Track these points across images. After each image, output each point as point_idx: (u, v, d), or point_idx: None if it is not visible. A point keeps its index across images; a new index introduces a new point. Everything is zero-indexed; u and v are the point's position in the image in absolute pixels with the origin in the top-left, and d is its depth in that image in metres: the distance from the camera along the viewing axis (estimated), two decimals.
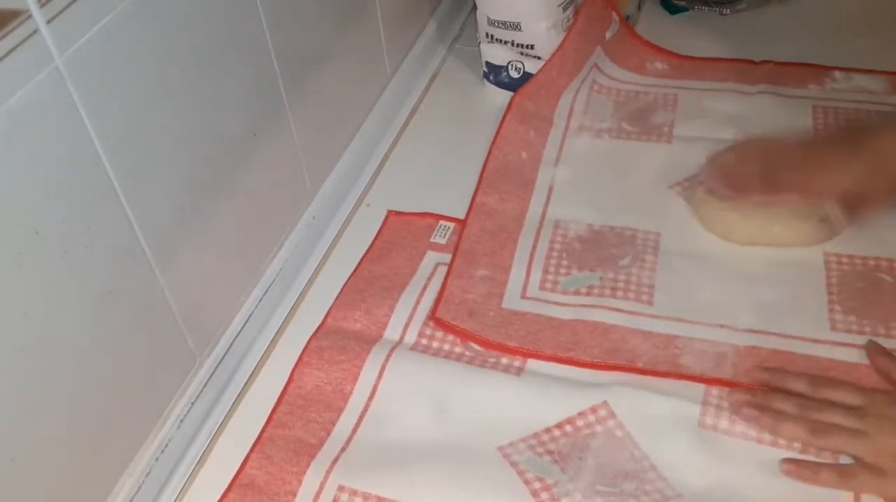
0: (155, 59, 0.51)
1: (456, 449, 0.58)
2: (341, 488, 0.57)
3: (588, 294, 0.68)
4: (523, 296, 0.68)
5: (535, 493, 0.55)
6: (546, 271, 0.70)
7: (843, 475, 0.54)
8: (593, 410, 0.59)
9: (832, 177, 0.62)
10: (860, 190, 0.61)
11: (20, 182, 0.43)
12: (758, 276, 0.68)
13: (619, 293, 0.68)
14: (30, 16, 0.41)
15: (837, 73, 0.86)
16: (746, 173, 0.66)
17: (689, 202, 0.74)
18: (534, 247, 0.73)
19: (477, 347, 0.65)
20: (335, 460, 0.58)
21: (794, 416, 0.56)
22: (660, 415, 0.58)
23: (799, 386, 0.58)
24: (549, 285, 0.69)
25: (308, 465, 0.58)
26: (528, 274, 0.70)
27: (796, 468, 0.55)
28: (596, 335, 0.64)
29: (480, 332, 0.65)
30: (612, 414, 0.59)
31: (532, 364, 0.63)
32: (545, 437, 0.58)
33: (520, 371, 0.63)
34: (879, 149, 0.61)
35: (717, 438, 0.57)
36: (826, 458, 0.56)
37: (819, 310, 0.65)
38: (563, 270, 0.70)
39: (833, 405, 0.56)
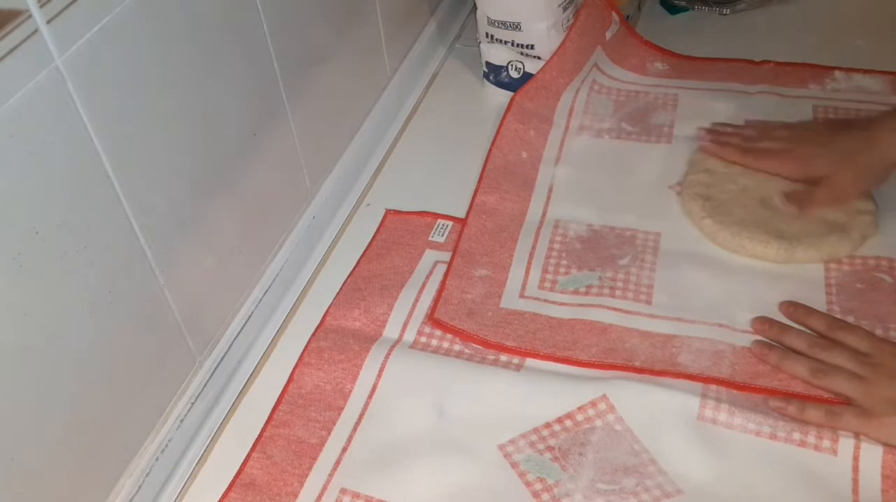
0: (155, 59, 0.51)
1: (456, 449, 0.58)
2: (343, 491, 0.57)
3: (587, 293, 0.68)
4: (522, 296, 0.68)
5: (536, 495, 0.55)
6: (545, 270, 0.70)
7: (829, 413, 0.56)
8: (593, 404, 0.59)
9: (795, 169, 0.71)
10: (817, 181, 0.69)
11: (20, 182, 0.43)
12: (757, 276, 0.68)
13: (618, 292, 0.68)
14: (30, 16, 0.41)
15: (838, 73, 0.86)
16: (731, 139, 0.76)
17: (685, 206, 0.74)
18: (533, 247, 0.73)
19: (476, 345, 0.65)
20: (337, 462, 0.58)
21: (800, 354, 0.60)
22: (659, 409, 0.58)
23: (819, 325, 0.62)
24: (548, 284, 0.69)
25: (310, 467, 0.58)
26: (527, 273, 0.70)
27: (784, 405, 0.58)
28: (594, 334, 0.64)
29: (478, 332, 0.65)
30: (612, 408, 0.59)
31: (531, 360, 0.63)
32: (545, 432, 0.58)
33: (519, 367, 0.63)
34: (840, 151, 0.69)
35: (716, 431, 0.57)
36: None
37: (818, 310, 0.64)
38: (562, 270, 0.70)
39: (842, 348, 0.59)
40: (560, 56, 0.87)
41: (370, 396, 0.62)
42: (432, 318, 0.67)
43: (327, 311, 0.69)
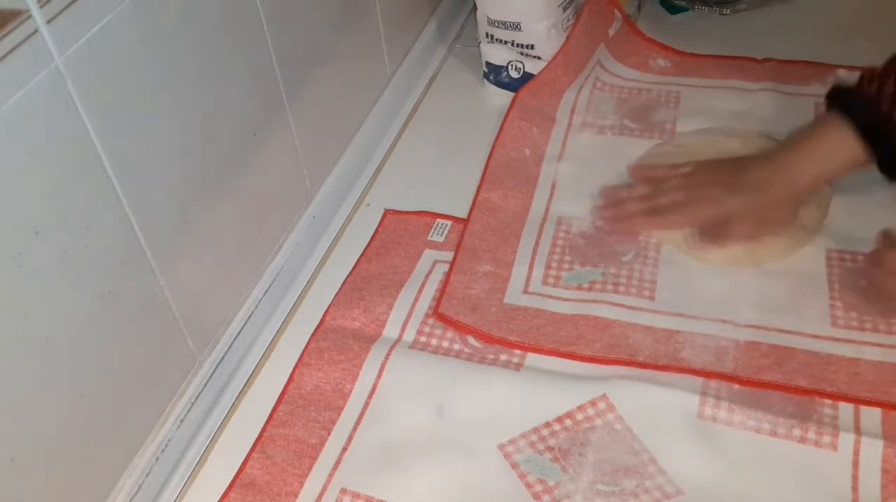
0: (155, 59, 0.51)
1: (456, 450, 0.58)
2: (343, 491, 0.57)
3: (590, 289, 0.68)
4: (525, 292, 0.69)
5: (536, 496, 0.55)
6: (549, 266, 0.70)
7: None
8: (592, 404, 0.59)
9: (706, 211, 0.69)
10: (728, 222, 0.68)
11: (20, 182, 0.43)
12: (759, 272, 0.68)
13: (622, 288, 0.68)
14: (30, 16, 0.41)
15: (841, 72, 0.86)
16: (631, 206, 0.73)
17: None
18: (536, 243, 0.73)
19: (476, 343, 0.65)
20: (337, 462, 0.58)
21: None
22: (658, 407, 0.58)
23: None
24: (551, 280, 0.69)
25: (310, 467, 0.58)
26: (530, 269, 0.70)
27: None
28: (597, 330, 0.65)
29: (482, 327, 0.65)
30: (612, 407, 0.59)
31: (531, 359, 0.63)
32: (545, 432, 0.58)
33: (519, 366, 0.63)
34: (749, 184, 0.68)
35: (715, 429, 0.57)
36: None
37: (820, 306, 0.65)
38: (565, 266, 0.70)
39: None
40: (564, 54, 0.87)
41: (370, 396, 0.62)
42: (437, 313, 0.67)
43: (327, 311, 0.69)
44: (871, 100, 0.65)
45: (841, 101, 0.67)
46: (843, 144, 0.65)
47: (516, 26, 0.86)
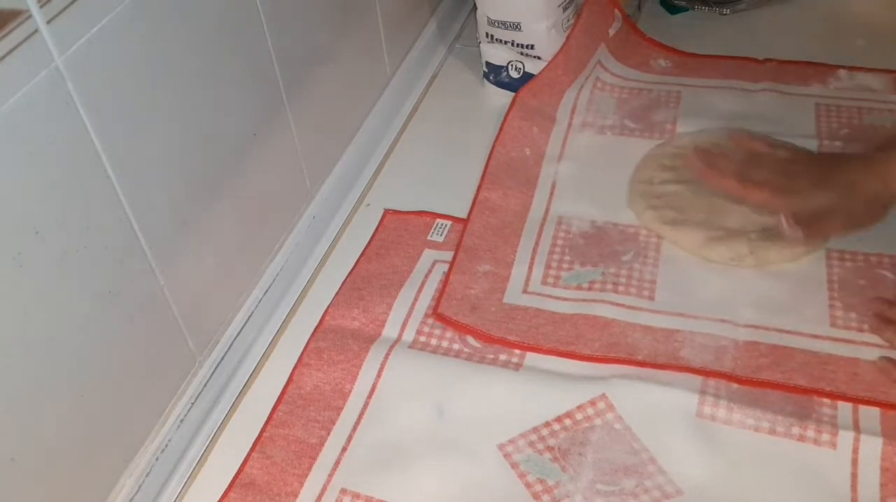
0: (155, 59, 0.51)
1: (456, 450, 0.58)
2: (343, 491, 0.57)
3: (590, 289, 0.68)
4: (525, 291, 0.69)
5: (536, 496, 0.55)
6: (548, 266, 0.71)
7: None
8: (592, 403, 0.59)
9: (794, 203, 0.66)
10: (819, 216, 0.66)
11: (20, 182, 0.43)
12: (759, 272, 0.68)
13: (621, 288, 0.68)
14: (30, 16, 0.41)
15: (841, 72, 0.86)
16: (726, 166, 0.71)
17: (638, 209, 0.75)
18: (536, 243, 0.73)
19: (475, 343, 0.65)
20: (336, 462, 0.58)
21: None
22: (658, 407, 0.58)
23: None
24: (551, 280, 0.69)
25: (310, 467, 0.58)
26: (530, 269, 0.71)
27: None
28: (597, 329, 0.65)
29: (482, 327, 0.65)
30: (611, 407, 0.59)
31: (531, 359, 0.63)
32: (545, 432, 0.58)
33: (518, 366, 0.63)
34: (841, 184, 0.66)
35: (715, 428, 0.57)
36: None
37: (820, 306, 0.65)
38: (565, 265, 0.70)
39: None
40: (565, 54, 0.87)
41: (370, 396, 0.62)
42: (436, 313, 0.67)
43: (326, 311, 0.69)
44: None
45: None
46: None
47: (516, 26, 0.86)
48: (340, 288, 0.71)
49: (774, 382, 0.59)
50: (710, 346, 0.62)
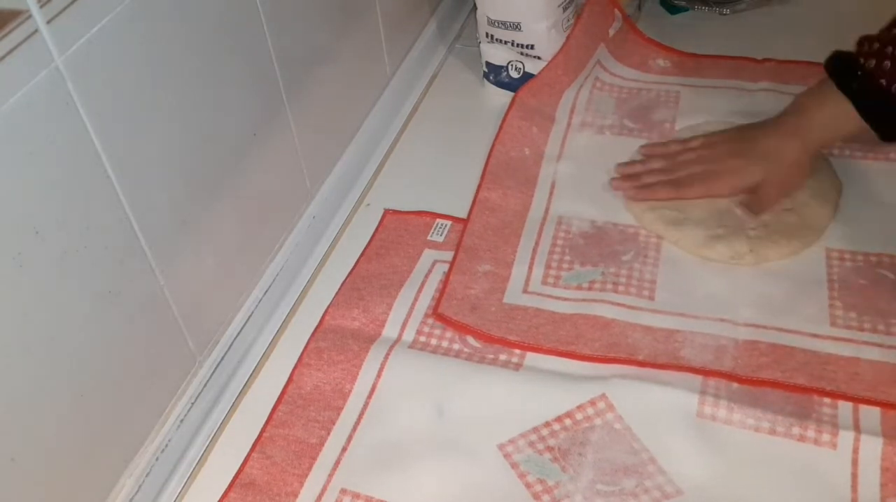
0: (155, 59, 0.51)
1: (456, 450, 0.58)
2: (343, 491, 0.57)
3: (590, 289, 0.68)
4: (525, 291, 0.69)
5: (536, 496, 0.55)
6: (548, 266, 0.71)
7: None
8: (592, 403, 0.59)
9: (729, 184, 0.72)
10: (755, 186, 0.71)
11: (20, 182, 0.43)
12: (759, 271, 0.68)
13: (621, 288, 0.68)
14: (30, 16, 0.41)
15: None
16: (651, 178, 0.75)
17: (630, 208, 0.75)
18: (536, 243, 0.73)
19: (475, 343, 0.65)
20: (336, 462, 0.58)
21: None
22: (658, 407, 0.58)
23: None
24: (551, 280, 0.69)
25: (310, 467, 0.58)
26: (530, 269, 0.71)
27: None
28: (597, 329, 0.65)
29: (482, 327, 0.65)
30: (611, 407, 0.59)
31: (531, 359, 0.63)
32: (545, 432, 0.58)
33: (518, 366, 0.63)
34: (764, 152, 0.71)
35: (715, 427, 0.57)
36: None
37: (819, 305, 0.65)
38: (565, 265, 0.71)
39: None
40: (565, 53, 0.87)
41: (370, 396, 0.62)
42: (436, 313, 0.67)
43: (326, 311, 0.69)
44: (870, 74, 0.65)
45: (840, 73, 0.68)
46: (844, 115, 0.67)
47: (516, 26, 0.86)
48: (340, 288, 0.71)
49: (774, 381, 0.59)
50: (710, 346, 0.62)
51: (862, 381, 0.59)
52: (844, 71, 0.68)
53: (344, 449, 0.59)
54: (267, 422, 0.62)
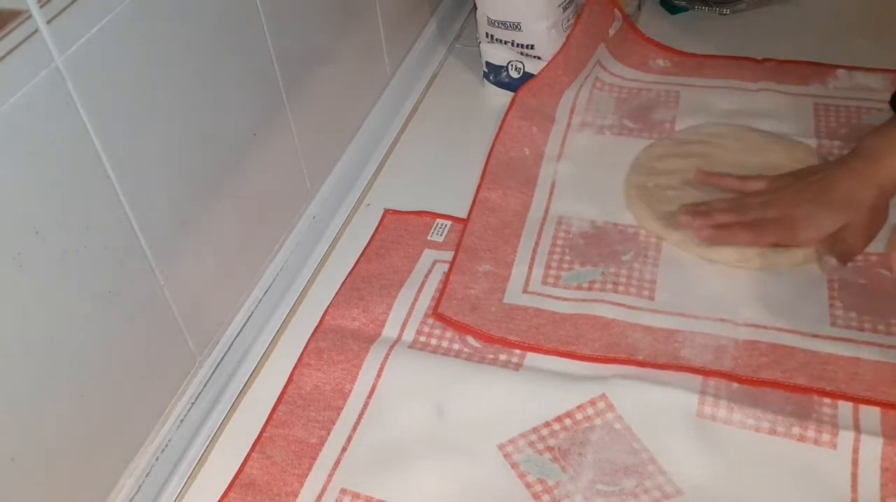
0: (155, 59, 0.51)
1: (456, 450, 0.58)
2: (343, 491, 0.57)
3: (590, 289, 0.68)
4: (525, 291, 0.69)
5: (536, 496, 0.55)
6: (548, 266, 0.71)
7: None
8: (592, 403, 0.59)
9: (809, 232, 0.68)
10: (839, 237, 0.66)
11: (20, 182, 0.43)
12: (759, 272, 0.68)
13: (621, 288, 0.68)
14: (30, 16, 0.41)
15: (840, 71, 0.86)
16: (725, 219, 0.70)
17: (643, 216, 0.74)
18: (536, 243, 0.73)
19: (475, 343, 0.65)
20: (336, 462, 0.58)
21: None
22: (658, 407, 0.58)
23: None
24: (551, 280, 0.69)
25: (310, 467, 0.58)
26: (530, 269, 0.71)
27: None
28: (597, 329, 0.65)
29: (482, 327, 0.65)
30: (611, 407, 0.59)
31: (531, 359, 0.63)
32: (545, 432, 0.58)
33: (518, 366, 0.63)
34: (843, 200, 0.67)
35: (715, 427, 0.57)
36: None
37: (820, 305, 0.65)
38: (565, 265, 0.71)
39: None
40: (565, 53, 0.87)
41: (369, 396, 0.62)
42: (436, 313, 0.67)
43: (326, 311, 0.69)
44: None
45: None
46: None
47: (516, 26, 0.86)
48: (340, 288, 0.71)
49: (775, 381, 0.59)
50: (710, 346, 0.62)
51: (862, 381, 0.59)
52: None
53: (344, 449, 0.59)
54: (267, 422, 0.62)
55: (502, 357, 0.64)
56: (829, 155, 0.77)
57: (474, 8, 0.90)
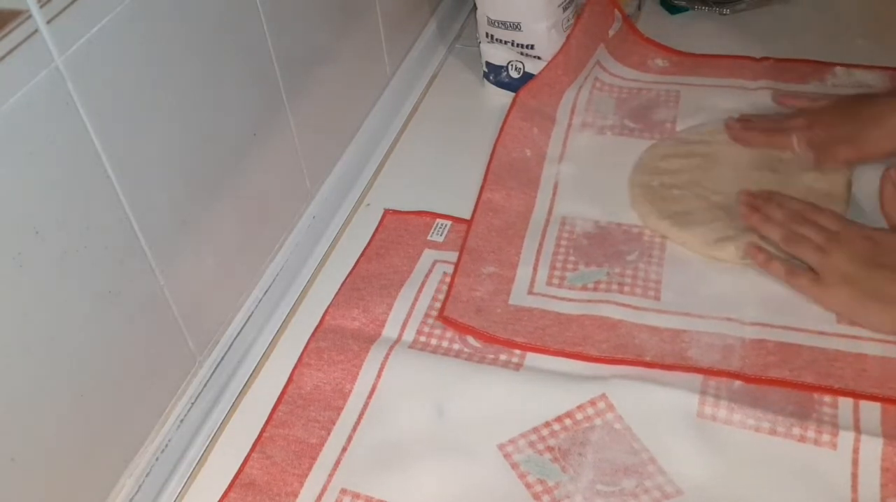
0: (155, 59, 0.51)
1: (456, 450, 0.58)
2: (343, 491, 0.57)
3: (595, 289, 0.68)
4: (530, 292, 0.69)
5: (536, 496, 0.55)
6: (553, 267, 0.70)
7: (789, 272, 0.65)
8: (592, 403, 0.59)
9: (821, 130, 0.72)
10: (834, 142, 0.71)
11: (20, 182, 0.43)
12: (764, 270, 0.68)
13: (626, 288, 0.68)
14: (30, 16, 0.41)
15: (838, 69, 0.86)
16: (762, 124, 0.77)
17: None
18: (540, 244, 0.73)
19: (476, 343, 0.65)
20: (337, 462, 0.58)
21: (777, 222, 0.67)
22: (658, 407, 0.58)
23: (796, 206, 0.68)
24: (556, 281, 0.69)
25: (310, 467, 0.58)
26: (535, 270, 0.70)
27: (755, 251, 0.67)
28: (604, 330, 0.65)
29: (488, 329, 0.65)
30: (611, 407, 0.59)
31: (531, 359, 0.63)
32: (545, 432, 0.58)
33: (518, 366, 0.63)
34: (868, 116, 0.71)
35: (715, 428, 0.57)
36: None
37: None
38: (570, 266, 0.70)
39: (813, 224, 0.66)
40: (564, 54, 0.87)
41: (370, 396, 0.62)
42: (442, 316, 0.67)
43: (326, 311, 0.69)
44: None
45: None
46: None
47: (516, 26, 0.86)
48: (340, 288, 0.71)
49: (783, 380, 0.59)
50: (717, 345, 0.62)
51: (869, 378, 0.59)
52: None
53: (344, 449, 0.59)
54: (267, 422, 0.62)
55: (502, 357, 0.64)
56: None
57: (474, 8, 0.90)
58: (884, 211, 0.68)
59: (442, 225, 0.76)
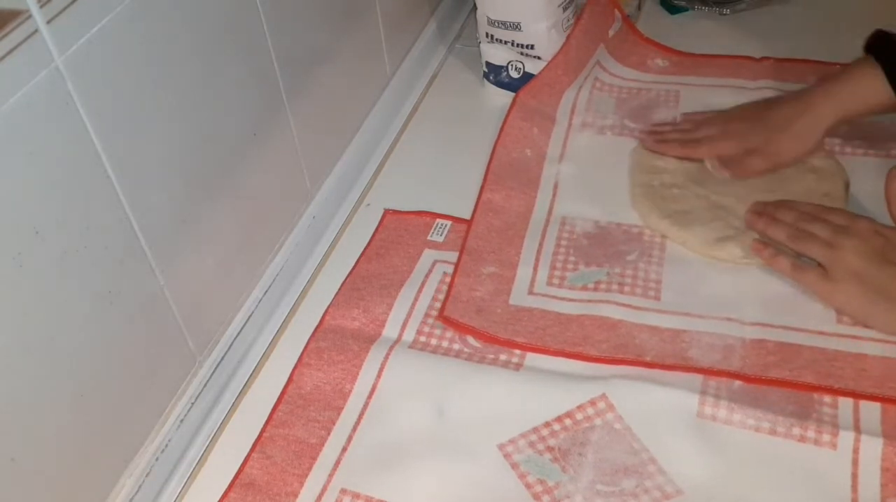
0: (155, 59, 0.51)
1: (456, 450, 0.58)
2: (343, 491, 0.57)
3: (595, 289, 0.68)
4: (530, 292, 0.69)
5: (536, 497, 0.55)
6: (553, 267, 0.71)
7: (796, 267, 0.64)
8: (592, 403, 0.59)
9: (731, 144, 0.73)
10: (745, 155, 0.72)
11: (20, 182, 0.43)
12: (764, 270, 0.68)
13: (627, 288, 0.68)
14: (30, 16, 0.41)
15: (839, 68, 0.86)
16: (676, 133, 0.79)
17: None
18: (540, 244, 0.73)
19: (475, 343, 0.65)
20: (337, 462, 0.58)
21: (785, 223, 0.66)
22: (658, 407, 0.58)
23: (807, 208, 0.67)
24: (556, 281, 0.69)
25: (310, 467, 0.58)
26: (535, 270, 0.70)
27: (761, 247, 0.66)
28: (604, 330, 0.65)
29: (488, 329, 0.65)
30: (611, 407, 0.59)
31: (531, 359, 0.63)
32: (545, 432, 0.58)
33: (518, 366, 0.63)
34: (774, 120, 0.72)
35: (715, 428, 0.57)
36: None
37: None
38: (570, 266, 0.70)
39: (823, 221, 0.65)
40: (564, 54, 0.87)
41: (370, 396, 0.62)
42: (442, 316, 0.67)
43: (326, 311, 0.69)
44: None
45: (876, 45, 0.69)
46: (870, 86, 0.67)
47: (516, 26, 0.86)
48: (340, 288, 0.71)
49: (783, 380, 0.59)
50: (718, 346, 0.62)
51: (869, 378, 0.59)
52: (880, 44, 0.68)
53: (344, 449, 0.59)
54: (267, 422, 0.62)
55: (502, 357, 0.64)
56: (828, 152, 0.77)
57: (474, 8, 0.90)
58: (891, 210, 0.67)
59: (442, 225, 0.76)
